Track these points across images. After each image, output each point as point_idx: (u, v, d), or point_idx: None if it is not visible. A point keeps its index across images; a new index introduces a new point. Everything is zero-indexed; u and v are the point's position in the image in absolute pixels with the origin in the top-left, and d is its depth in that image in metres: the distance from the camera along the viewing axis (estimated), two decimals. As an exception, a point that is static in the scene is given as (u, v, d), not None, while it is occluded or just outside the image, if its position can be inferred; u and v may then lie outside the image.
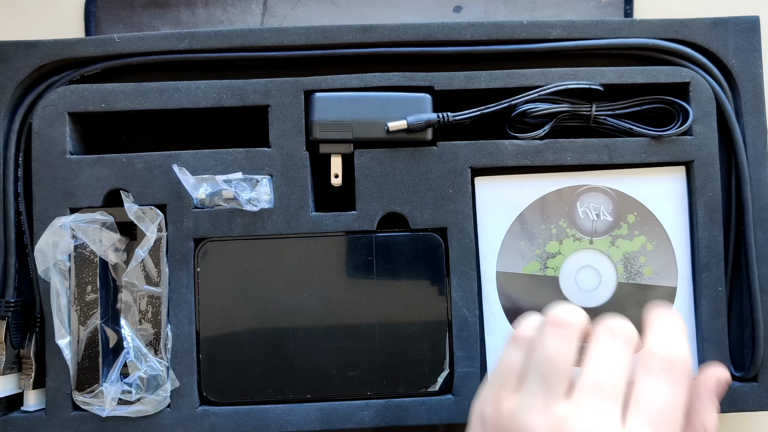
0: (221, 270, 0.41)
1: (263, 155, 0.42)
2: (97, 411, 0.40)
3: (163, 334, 0.41)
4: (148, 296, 0.41)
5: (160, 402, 0.40)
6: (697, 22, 0.43)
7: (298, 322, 0.41)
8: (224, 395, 0.41)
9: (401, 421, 0.41)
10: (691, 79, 0.42)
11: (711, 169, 0.42)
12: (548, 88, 0.41)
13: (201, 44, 0.42)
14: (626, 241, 0.42)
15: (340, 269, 0.41)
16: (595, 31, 0.43)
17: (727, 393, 0.41)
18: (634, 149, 0.42)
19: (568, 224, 0.42)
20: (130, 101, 0.42)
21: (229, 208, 0.41)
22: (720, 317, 0.42)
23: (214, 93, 0.42)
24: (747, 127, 0.43)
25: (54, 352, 0.40)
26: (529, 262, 0.42)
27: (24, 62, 0.42)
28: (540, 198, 0.42)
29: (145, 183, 0.41)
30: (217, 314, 0.41)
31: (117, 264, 0.42)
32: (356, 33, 0.42)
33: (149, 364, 0.40)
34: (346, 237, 0.42)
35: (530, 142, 0.42)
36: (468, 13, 0.47)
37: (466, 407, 0.41)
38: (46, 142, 0.41)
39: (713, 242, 0.42)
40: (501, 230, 0.42)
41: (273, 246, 0.41)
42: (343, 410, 0.41)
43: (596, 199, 0.42)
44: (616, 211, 0.42)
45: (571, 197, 0.42)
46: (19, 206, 0.42)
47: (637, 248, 0.42)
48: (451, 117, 0.41)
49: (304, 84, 0.42)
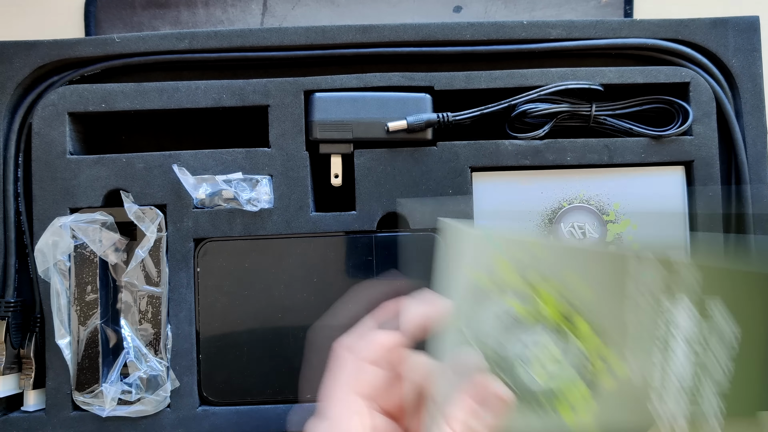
0: (221, 270, 0.41)
1: (263, 155, 0.42)
2: (97, 411, 0.40)
3: (163, 334, 0.41)
4: (148, 296, 0.41)
5: (160, 402, 0.40)
6: (696, 22, 0.43)
7: (298, 322, 0.41)
8: (224, 395, 0.41)
9: (401, 421, 0.41)
10: (691, 79, 0.42)
11: (711, 169, 0.42)
12: (548, 88, 0.41)
13: (201, 44, 0.42)
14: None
15: (340, 269, 0.41)
16: (595, 31, 0.43)
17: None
18: (634, 149, 0.42)
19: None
20: (130, 101, 0.42)
21: (229, 208, 0.41)
22: (720, 317, 0.42)
23: (214, 93, 0.42)
24: (747, 127, 0.42)
25: (54, 352, 0.40)
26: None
27: (24, 62, 0.42)
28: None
29: (145, 183, 0.41)
30: (217, 314, 0.41)
31: (117, 264, 0.42)
32: (356, 33, 0.42)
33: (149, 364, 0.40)
34: (345, 237, 0.42)
35: (530, 142, 0.42)
36: (468, 13, 0.47)
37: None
38: (46, 142, 0.41)
39: (714, 242, 0.42)
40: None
41: (273, 246, 0.41)
42: (343, 410, 0.41)
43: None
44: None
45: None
46: (19, 206, 0.42)
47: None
48: (451, 117, 0.41)
49: (303, 84, 0.42)
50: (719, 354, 0.30)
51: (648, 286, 0.29)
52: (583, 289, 0.29)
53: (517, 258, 0.28)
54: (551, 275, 0.28)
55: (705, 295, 0.30)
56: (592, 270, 0.29)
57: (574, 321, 0.29)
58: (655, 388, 0.30)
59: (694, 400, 0.30)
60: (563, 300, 0.28)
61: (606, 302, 0.29)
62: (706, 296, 0.30)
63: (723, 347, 0.30)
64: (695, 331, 0.30)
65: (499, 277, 0.28)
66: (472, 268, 0.28)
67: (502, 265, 0.28)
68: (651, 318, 0.29)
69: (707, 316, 0.30)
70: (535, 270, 0.28)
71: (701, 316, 0.30)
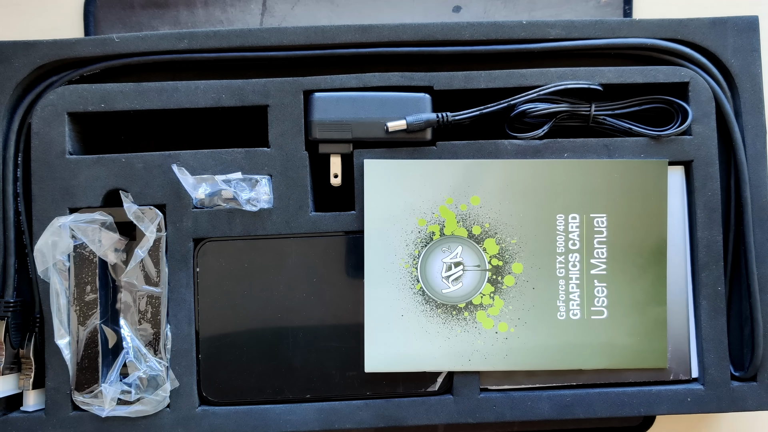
0: (221, 270, 0.41)
1: (262, 155, 0.42)
2: (96, 411, 0.40)
3: (163, 334, 0.41)
4: (148, 296, 0.41)
5: (160, 402, 0.40)
6: (696, 22, 0.43)
7: (297, 322, 0.41)
8: (224, 395, 0.41)
9: (400, 421, 0.41)
10: (690, 79, 0.42)
11: (710, 169, 0.42)
12: (547, 88, 0.41)
13: (200, 44, 0.42)
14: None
15: (339, 269, 0.41)
16: (595, 31, 0.43)
17: (727, 393, 0.41)
18: (633, 149, 0.42)
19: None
20: (129, 101, 0.42)
21: (228, 208, 0.41)
22: (719, 317, 0.42)
23: (213, 93, 0.42)
24: (746, 126, 0.43)
25: (53, 352, 0.40)
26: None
27: (23, 62, 0.42)
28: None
29: (145, 183, 0.41)
30: (216, 314, 0.41)
31: (116, 264, 0.42)
32: (355, 33, 0.42)
33: (149, 364, 0.40)
34: (345, 237, 0.42)
35: (529, 142, 0.42)
36: (467, 12, 0.47)
37: (465, 407, 0.41)
38: (45, 142, 0.41)
39: (712, 242, 0.42)
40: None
41: (272, 246, 0.41)
42: (343, 410, 0.41)
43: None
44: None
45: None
46: (18, 206, 0.42)
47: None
48: (451, 117, 0.41)
49: (303, 84, 0.42)
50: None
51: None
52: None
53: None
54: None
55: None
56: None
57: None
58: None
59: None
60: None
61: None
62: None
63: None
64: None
65: None
66: None
67: None
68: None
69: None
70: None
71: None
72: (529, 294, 0.41)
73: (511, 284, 0.41)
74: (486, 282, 0.41)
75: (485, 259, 0.41)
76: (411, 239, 0.41)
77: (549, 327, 0.41)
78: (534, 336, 0.41)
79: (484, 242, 0.41)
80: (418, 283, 0.41)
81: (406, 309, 0.41)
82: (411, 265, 0.41)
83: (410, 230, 0.41)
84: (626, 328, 0.41)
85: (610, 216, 0.41)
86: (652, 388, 0.41)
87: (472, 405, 0.41)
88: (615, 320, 0.41)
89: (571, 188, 0.41)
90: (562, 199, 0.41)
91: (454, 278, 0.41)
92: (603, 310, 0.41)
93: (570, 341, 0.41)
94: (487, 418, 0.41)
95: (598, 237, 0.41)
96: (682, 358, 0.42)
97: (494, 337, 0.41)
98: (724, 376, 0.41)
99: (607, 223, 0.41)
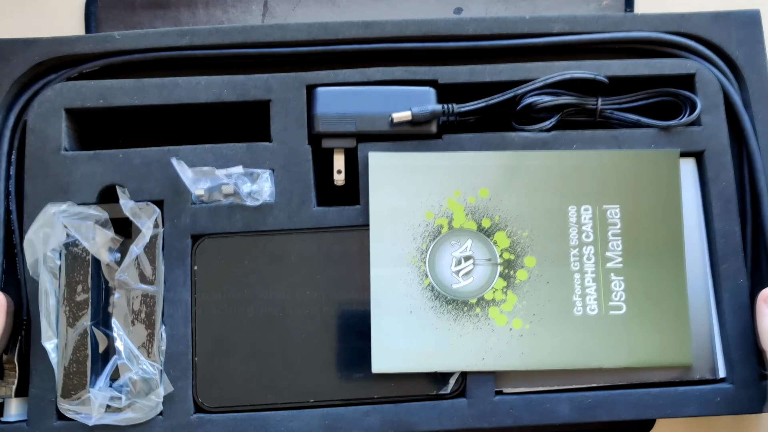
0: (220, 268, 0.39)
1: (264, 149, 0.40)
2: (83, 419, 0.37)
3: (157, 335, 0.38)
4: (142, 295, 0.39)
5: (152, 408, 0.37)
6: (698, 16, 0.43)
7: (300, 322, 0.39)
8: (221, 401, 0.38)
9: (411, 427, 0.38)
10: (697, 71, 0.42)
11: (723, 159, 0.41)
12: (554, 77, 0.41)
13: (202, 41, 0.42)
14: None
15: (344, 265, 0.40)
16: (597, 26, 0.43)
17: (758, 392, 0.39)
18: (643, 140, 0.41)
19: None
20: (128, 97, 0.41)
21: (228, 203, 0.40)
22: (743, 310, 0.40)
23: (214, 88, 0.41)
24: (756, 117, 0.42)
25: (39, 357, 0.38)
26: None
27: (21, 59, 0.41)
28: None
29: (142, 178, 0.40)
30: (214, 314, 0.39)
31: (110, 264, 0.39)
32: (358, 29, 0.42)
33: (141, 367, 0.37)
34: (350, 231, 0.40)
35: (537, 134, 0.41)
36: (468, 14, 0.48)
37: (480, 411, 0.38)
38: (40, 138, 0.40)
39: (730, 233, 0.40)
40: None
41: (274, 242, 0.40)
42: (349, 416, 0.38)
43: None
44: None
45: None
46: (9, 204, 0.40)
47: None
48: (456, 108, 0.40)
49: (306, 79, 0.41)
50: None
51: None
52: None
53: None
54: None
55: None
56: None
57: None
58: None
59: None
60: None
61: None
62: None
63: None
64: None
65: None
66: None
67: None
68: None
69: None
70: None
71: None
72: (543, 289, 0.39)
73: (524, 279, 0.39)
74: (498, 276, 0.39)
75: (496, 253, 0.40)
76: (418, 233, 0.39)
77: (565, 323, 0.39)
78: (550, 333, 0.39)
79: (494, 235, 0.40)
80: (426, 278, 0.39)
81: (414, 305, 0.39)
82: (419, 259, 0.39)
83: (417, 224, 0.40)
84: (647, 323, 0.39)
85: (623, 207, 0.40)
86: (678, 388, 0.39)
87: (487, 408, 0.38)
88: (634, 315, 0.39)
89: (582, 179, 0.40)
90: (574, 191, 0.40)
91: (464, 273, 0.39)
92: (621, 305, 0.39)
93: (588, 338, 0.39)
94: (504, 423, 0.38)
95: (612, 229, 0.40)
96: (706, 356, 0.40)
97: (509, 334, 0.39)
98: (753, 374, 0.39)
99: (621, 214, 0.40)
